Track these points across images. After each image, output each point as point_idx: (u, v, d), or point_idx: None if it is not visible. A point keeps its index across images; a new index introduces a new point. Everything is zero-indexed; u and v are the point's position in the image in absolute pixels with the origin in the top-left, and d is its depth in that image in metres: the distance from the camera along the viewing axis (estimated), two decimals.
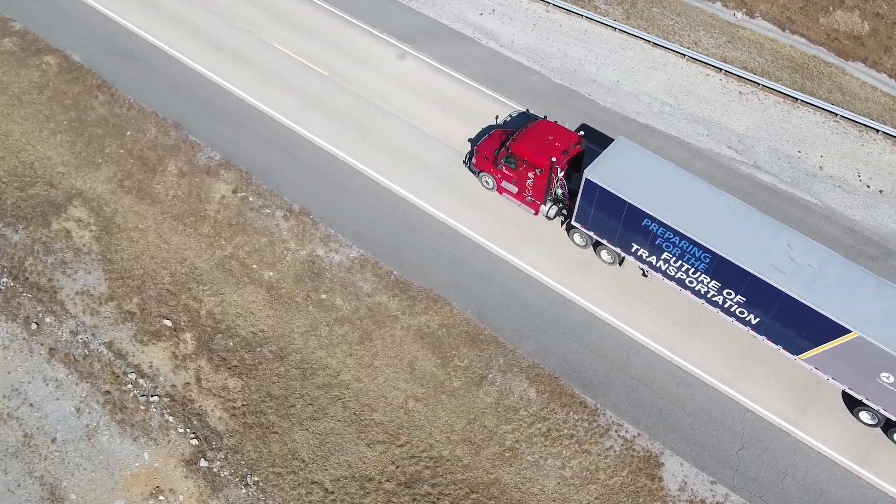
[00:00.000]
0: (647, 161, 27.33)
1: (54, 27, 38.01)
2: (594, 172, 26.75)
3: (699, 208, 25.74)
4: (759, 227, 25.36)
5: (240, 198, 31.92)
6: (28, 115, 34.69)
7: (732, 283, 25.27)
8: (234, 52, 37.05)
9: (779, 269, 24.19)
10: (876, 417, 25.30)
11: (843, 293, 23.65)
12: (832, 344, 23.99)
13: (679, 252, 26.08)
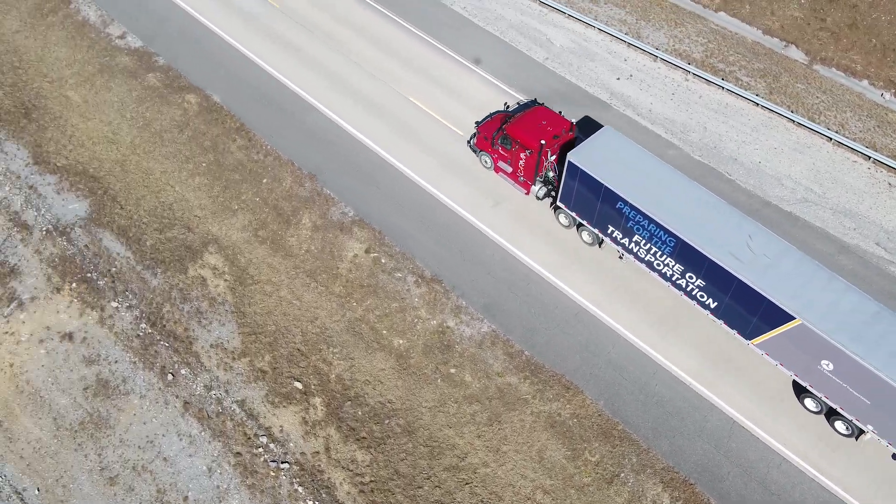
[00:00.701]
0: (629, 150, 29.36)
1: (196, 65, 38.66)
2: (577, 155, 29.01)
3: (670, 196, 27.74)
4: (725, 217, 27.20)
5: (372, 258, 31.81)
6: (168, 154, 35.27)
7: (694, 267, 27.30)
8: (372, 103, 37.10)
9: (736, 257, 26.07)
10: (819, 405, 26.77)
11: (793, 283, 25.37)
12: (779, 330, 25.70)
13: (648, 235, 28.15)
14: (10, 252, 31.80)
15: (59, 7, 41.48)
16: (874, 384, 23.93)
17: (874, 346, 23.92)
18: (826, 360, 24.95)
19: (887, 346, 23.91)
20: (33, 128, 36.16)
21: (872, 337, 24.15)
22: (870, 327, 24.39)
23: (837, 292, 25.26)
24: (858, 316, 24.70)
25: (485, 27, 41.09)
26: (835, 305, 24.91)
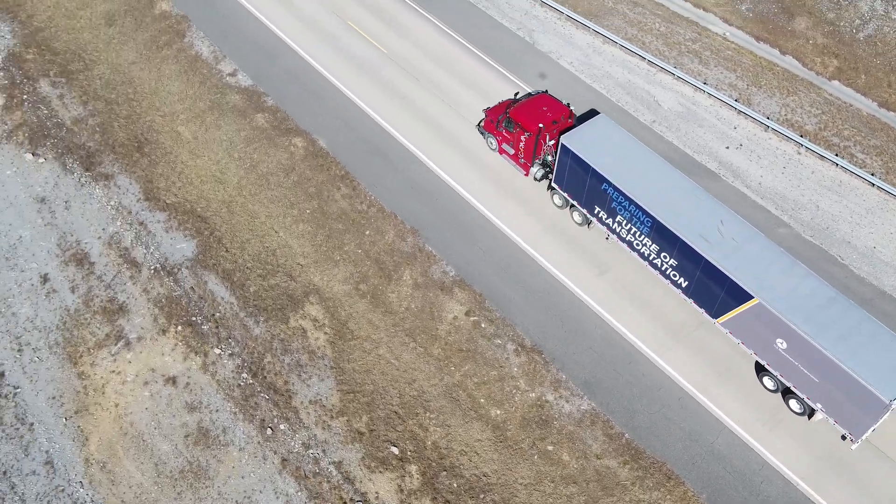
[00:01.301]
0: (619, 137, 31.59)
1: (304, 108, 39.06)
2: (569, 139, 31.35)
3: (651, 180, 29.89)
4: (700, 202, 29.28)
5: (472, 322, 31.56)
6: (274, 198, 35.64)
7: (667, 247, 29.34)
8: (476, 158, 37.00)
9: (706, 239, 28.06)
10: (775, 383, 28.52)
11: (756, 266, 27.27)
12: (740, 309, 27.61)
13: (629, 216, 30.31)
14: (119, 289, 32.45)
15: (173, 40, 42.41)
16: (823, 363, 25.57)
17: (825, 328, 25.60)
18: (780, 338, 26.69)
19: (837, 329, 25.57)
20: (145, 162, 36.95)
21: (825, 319, 25.84)
22: (823, 310, 26.13)
23: (797, 277, 27.14)
24: (814, 300, 26.47)
25: (591, 84, 40.65)
26: (793, 289, 26.67)
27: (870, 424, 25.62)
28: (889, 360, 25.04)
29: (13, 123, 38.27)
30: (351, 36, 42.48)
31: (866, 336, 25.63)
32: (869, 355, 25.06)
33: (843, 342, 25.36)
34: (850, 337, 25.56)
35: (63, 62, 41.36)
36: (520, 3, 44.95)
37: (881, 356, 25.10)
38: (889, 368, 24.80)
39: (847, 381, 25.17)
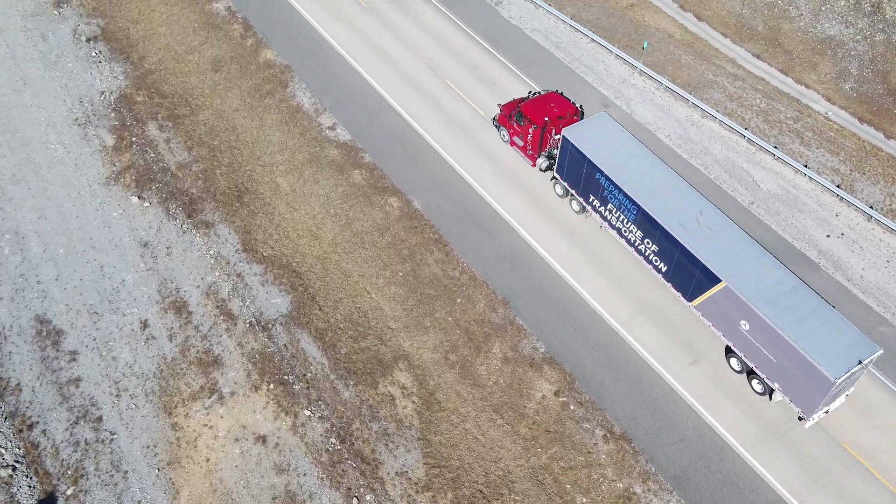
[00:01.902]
0: (616, 133, 34.29)
1: (400, 167, 39.54)
2: (570, 132, 34.30)
3: (640, 173, 32.61)
4: (683, 194, 31.93)
5: (561, 403, 31.30)
6: (368, 258, 36.03)
7: (649, 233, 32.01)
8: (570, 231, 36.85)
9: (684, 227, 30.71)
10: (740, 364, 30.94)
11: (727, 253, 29.80)
12: (710, 292, 30.09)
13: (618, 204, 33.02)
14: (215, 341, 33.11)
15: (276, 90, 43.44)
16: (779, 343, 27.97)
17: (783, 311, 28.03)
18: (744, 320, 29.10)
19: (796, 314, 27.97)
20: (244, 212, 37.78)
21: (784, 304, 28.25)
22: (785, 296, 28.52)
23: (764, 266, 29.59)
24: (778, 287, 28.81)
25: (688, 160, 40.26)
26: (759, 276, 29.18)
27: (818, 402, 27.68)
28: (839, 343, 27.32)
29: (122, 165, 39.58)
30: (450, 95, 42.93)
31: (821, 321, 27.99)
32: (821, 338, 27.37)
33: (799, 325, 27.68)
34: (805, 321, 27.87)
35: (171, 106, 42.67)
36: (618, 71, 44.86)
37: (832, 340, 27.42)
38: (838, 351, 27.09)
39: (799, 361, 27.52)
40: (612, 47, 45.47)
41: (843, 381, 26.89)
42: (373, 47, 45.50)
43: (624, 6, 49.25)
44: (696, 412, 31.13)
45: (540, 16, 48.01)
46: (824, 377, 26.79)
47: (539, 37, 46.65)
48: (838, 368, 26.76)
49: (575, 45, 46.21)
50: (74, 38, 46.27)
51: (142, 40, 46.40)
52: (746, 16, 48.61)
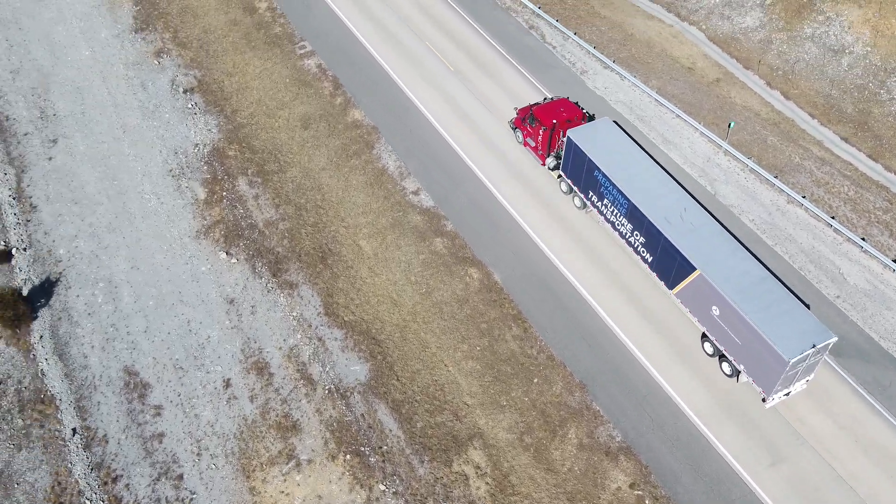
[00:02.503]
0: (616, 135, 37.92)
1: (482, 238, 39.89)
2: (574, 133, 37.91)
3: (634, 172, 36.15)
4: (671, 193, 35.43)
5: (636, 496, 30.98)
6: (446, 329, 36.33)
7: (638, 226, 35.42)
8: (652, 315, 36.62)
9: (668, 221, 34.17)
10: (713, 348, 33.92)
11: (704, 246, 33.15)
12: (688, 280, 33.39)
13: (612, 199, 36.48)
14: (294, 405, 33.72)
15: (362, 151, 44.37)
16: (744, 327, 31.04)
17: (749, 299, 31.19)
18: (715, 306, 32.26)
19: (760, 302, 31.06)
20: (327, 275, 38.52)
21: (752, 293, 31.42)
22: (753, 286, 31.69)
23: (737, 259, 32.82)
24: (747, 277, 32.02)
25: (772, 246, 39.77)
26: (731, 267, 32.35)
27: (775, 381, 30.67)
28: (798, 329, 30.33)
29: (212, 219, 40.79)
30: (533, 167, 43.25)
31: (783, 309, 31.09)
32: (781, 323, 30.47)
33: (762, 311, 30.81)
34: (769, 308, 30.93)
35: (260, 161, 43.91)
36: (703, 149, 44.72)
37: (791, 325, 30.46)
38: (795, 335, 30.13)
39: (760, 343, 30.61)
40: (697, 124, 45.39)
41: (797, 361, 29.84)
42: (458, 112, 46.20)
43: (710, 81, 49.17)
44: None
45: (625, 88, 48.21)
46: (780, 358, 29.88)
47: (623, 109, 46.80)
48: (793, 350, 29.80)
49: (660, 119, 46.24)
50: (172, 88, 48.02)
51: (235, 93, 47.92)
52: (835, 97, 48.07)
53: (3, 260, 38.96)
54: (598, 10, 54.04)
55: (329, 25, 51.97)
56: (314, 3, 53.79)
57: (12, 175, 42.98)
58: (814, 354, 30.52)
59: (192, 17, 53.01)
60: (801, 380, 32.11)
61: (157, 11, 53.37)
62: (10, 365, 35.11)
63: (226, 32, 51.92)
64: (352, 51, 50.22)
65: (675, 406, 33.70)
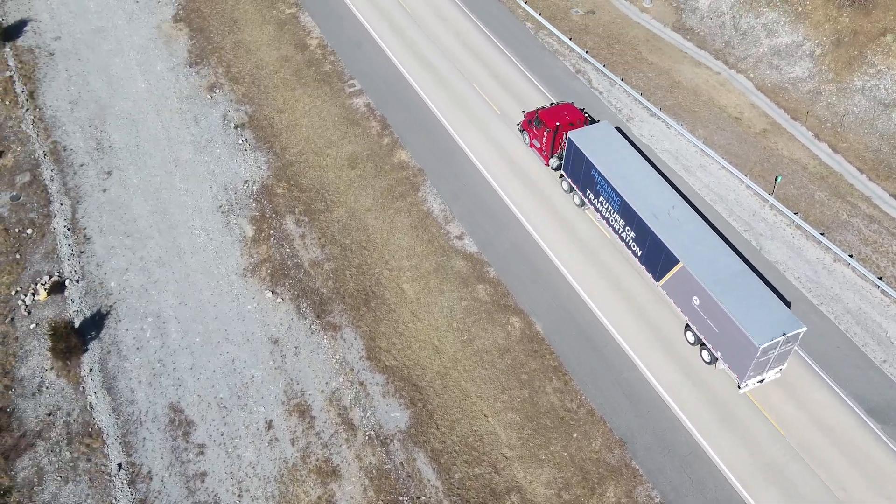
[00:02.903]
0: (613, 138, 40.92)
1: (524, 285, 40.10)
2: (574, 135, 40.93)
3: (627, 171, 38.95)
4: (661, 192, 38.15)
5: None
6: (486, 378, 36.52)
7: (629, 221, 38.16)
8: (698, 380, 36.35)
9: (656, 217, 36.79)
10: (694, 337, 36.40)
11: (687, 241, 35.76)
12: (672, 272, 35.95)
13: (607, 196, 39.23)
14: (334, 450, 34.09)
15: (408, 193, 44.90)
16: (721, 316, 33.60)
17: (726, 289, 33.72)
18: (695, 296, 34.83)
19: (737, 293, 33.66)
20: (370, 318, 38.96)
21: (729, 284, 33.94)
22: (730, 278, 34.22)
23: (718, 253, 35.41)
24: (726, 270, 34.59)
25: (818, 305, 39.42)
26: (711, 260, 34.94)
27: (748, 366, 33.11)
28: (770, 319, 32.77)
29: (259, 258, 41.53)
30: (575, 213, 43.39)
31: (758, 301, 33.49)
32: (755, 313, 32.94)
33: (738, 302, 33.24)
34: (744, 299, 33.39)
35: (308, 200, 44.64)
36: (749, 202, 44.56)
37: (764, 315, 32.91)
38: (767, 324, 32.57)
39: (734, 331, 33.09)
40: (743, 177, 45.27)
41: (767, 348, 32.20)
42: (504, 156, 46.58)
43: (757, 131, 49.02)
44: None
45: (671, 136, 48.26)
46: (752, 343, 32.27)
47: (669, 158, 46.84)
48: (764, 337, 32.14)
49: (705, 170, 46.20)
50: (224, 123, 49.09)
51: (285, 130, 48.83)
52: (885, 152, 47.65)
53: (56, 291, 40.00)
54: (646, 56, 54.21)
55: (378, 64, 52.78)
56: (364, 42, 54.70)
57: (68, 206, 44.13)
58: (784, 343, 32.72)
59: (244, 52, 54.17)
60: (773, 368, 34.26)
61: (212, 46, 54.62)
62: (60, 397, 35.97)
63: (277, 68, 52.95)
64: (400, 91, 50.93)
65: (716, 468, 33.47)
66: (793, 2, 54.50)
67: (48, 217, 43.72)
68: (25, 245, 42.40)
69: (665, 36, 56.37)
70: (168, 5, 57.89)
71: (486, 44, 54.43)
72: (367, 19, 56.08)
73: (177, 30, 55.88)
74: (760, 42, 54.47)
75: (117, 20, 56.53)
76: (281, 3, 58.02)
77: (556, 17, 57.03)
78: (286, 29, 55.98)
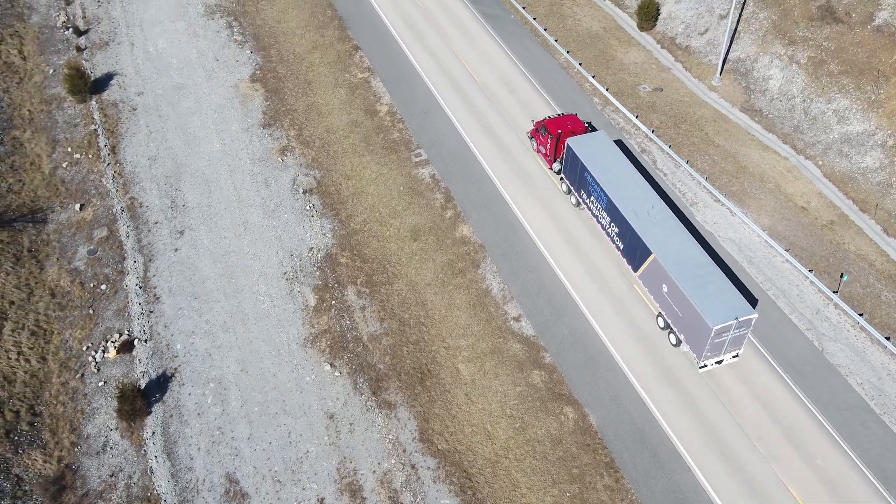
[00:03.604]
0: (607, 145, 45.57)
1: (580, 374, 40.24)
2: (572, 141, 45.80)
3: (615, 174, 43.61)
4: (643, 193, 42.62)
5: None
6: (537, 470, 36.59)
7: (614, 218, 42.77)
8: (755, 491, 35.77)
9: (636, 215, 41.34)
10: (663, 322, 40.76)
11: (661, 235, 40.27)
12: (646, 263, 40.42)
13: (597, 196, 43.95)
14: None
15: (468, 269, 45.48)
16: (684, 302, 38.07)
17: (690, 278, 38.34)
18: (664, 283, 39.44)
19: (699, 281, 38.26)
20: (425, 398, 39.47)
21: (692, 274, 38.60)
22: (695, 269, 38.89)
23: (686, 247, 40.02)
24: (692, 262, 39.23)
25: (880, 415, 38.68)
26: (680, 252, 39.60)
27: (704, 346, 37.61)
28: (725, 305, 37.31)
29: (319, 328, 42.47)
30: (635, 302, 43.36)
31: (717, 289, 38.06)
32: (712, 300, 37.53)
33: (699, 289, 37.99)
34: (705, 287, 38.11)
35: (370, 271, 45.55)
36: (812, 299, 43.98)
37: (721, 302, 37.47)
38: (722, 308, 37.17)
39: (693, 314, 37.60)
40: (807, 273, 44.75)
41: (720, 329, 36.72)
42: (566, 236, 46.85)
43: (824, 223, 48.45)
44: None
45: (735, 224, 48.02)
46: (707, 325, 36.73)
47: (732, 247, 46.57)
48: (717, 319, 36.64)
49: (769, 262, 45.80)
50: (293, 187, 50.53)
51: (351, 197, 50.02)
52: None
53: (126, 350, 41.49)
54: (713, 138, 54.16)
55: (445, 134, 53.81)
56: (432, 110, 55.85)
57: (141, 264, 45.86)
58: (737, 326, 37.13)
59: (316, 115, 55.78)
60: (729, 351, 38.84)
61: (286, 107, 56.40)
62: (122, 458, 37.22)
63: (347, 133, 54.37)
64: (465, 163, 51.80)
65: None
66: (866, 89, 53.92)
67: (122, 273, 45.46)
68: (99, 301, 44.13)
69: (733, 117, 56.23)
70: (246, 65, 60.00)
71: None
72: (436, 87, 57.31)
73: (253, 90, 57.85)
74: (831, 128, 53.93)
75: (197, 77, 58.77)
76: (354, 68, 59.63)
77: (624, 93, 57.40)
78: (357, 93, 57.48)
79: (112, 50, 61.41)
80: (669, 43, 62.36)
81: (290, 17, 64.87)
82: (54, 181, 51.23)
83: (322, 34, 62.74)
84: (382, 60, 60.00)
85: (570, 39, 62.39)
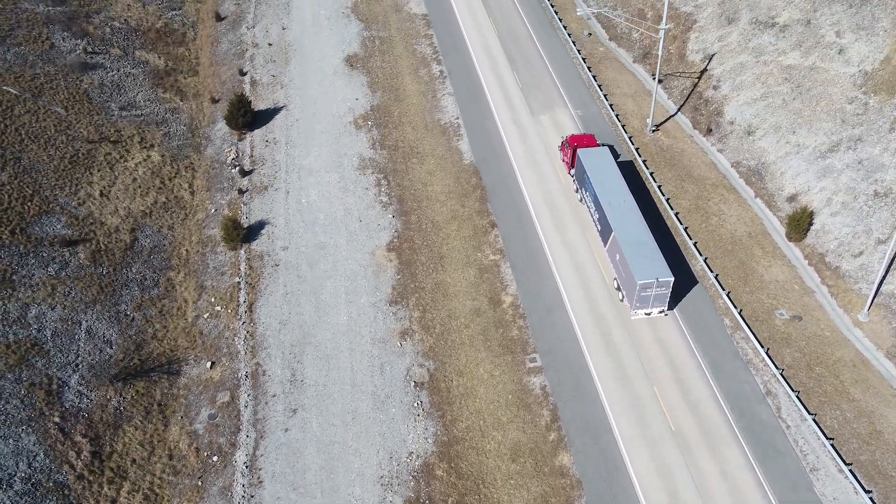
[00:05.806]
0: (606, 158, 60.99)
1: None
2: (581, 152, 61.66)
3: (604, 177, 59.25)
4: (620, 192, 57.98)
5: None
6: None
7: (598, 207, 57.81)
8: None
9: (611, 205, 56.89)
10: (616, 284, 55.89)
11: (623, 220, 55.96)
12: (610, 238, 55.88)
13: (590, 192, 58.95)
14: None
15: None
16: (624, 264, 53.00)
17: (632, 248, 53.36)
18: (617, 254, 54.00)
19: (639, 252, 53.10)
20: None
21: (636, 245, 53.70)
22: (638, 243, 53.87)
23: (637, 228, 55.09)
24: (637, 238, 54.21)
25: None
26: (631, 232, 54.57)
27: (633, 298, 52.39)
28: (652, 269, 52.02)
29: None
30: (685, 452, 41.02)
31: (650, 258, 52.52)
32: (644, 264, 52.14)
33: (636, 256, 52.43)
34: (641, 256, 52.47)
35: (463, 490, 45.86)
36: None
37: (649, 266, 52.17)
38: (648, 271, 51.87)
39: (629, 273, 52.05)
40: None
41: (644, 285, 51.13)
42: None
43: None
44: None
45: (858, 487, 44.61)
46: (634, 280, 51.22)
47: None
48: (642, 276, 51.27)
49: None
50: (406, 378, 51.91)
51: (460, 398, 50.73)
52: None
53: None
54: (849, 388, 50.95)
55: (563, 340, 53.68)
56: (555, 309, 55.96)
57: (252, 440, 48.46)
58: (657, 285, 51.45)
59: (442, 297, 57.18)
60: (655, 307, 53.38)
61: (414, 284, 58.22)
62: None
63: (468, 322, 55.36)
64: (580, 379, 51.35)
65: None
66: None
67: (234, 446, 48.19)
68: (209, 472, 46.94)
69: (876, 363, 52.69)
70: (386, 230, 62.60)
71: (680, 344, 53.65)
72: (564, 284, 57.49)
73: (388, 260, 60.19)
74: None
75: (339, 238, 61.88)
76: (487, 247, 60.85)
77: (758, 318, 55.21)
78: (485, 277, 58.53)
79: (269, 196, 65.82)
80: (818, 260, 59.47)
81: (435, 179, 67.19)
82: (194, 332, 55.20)
83: (463, 203, 64.53)
84: (516, 243, 60.96)
85: (710, 243, 60.94)
